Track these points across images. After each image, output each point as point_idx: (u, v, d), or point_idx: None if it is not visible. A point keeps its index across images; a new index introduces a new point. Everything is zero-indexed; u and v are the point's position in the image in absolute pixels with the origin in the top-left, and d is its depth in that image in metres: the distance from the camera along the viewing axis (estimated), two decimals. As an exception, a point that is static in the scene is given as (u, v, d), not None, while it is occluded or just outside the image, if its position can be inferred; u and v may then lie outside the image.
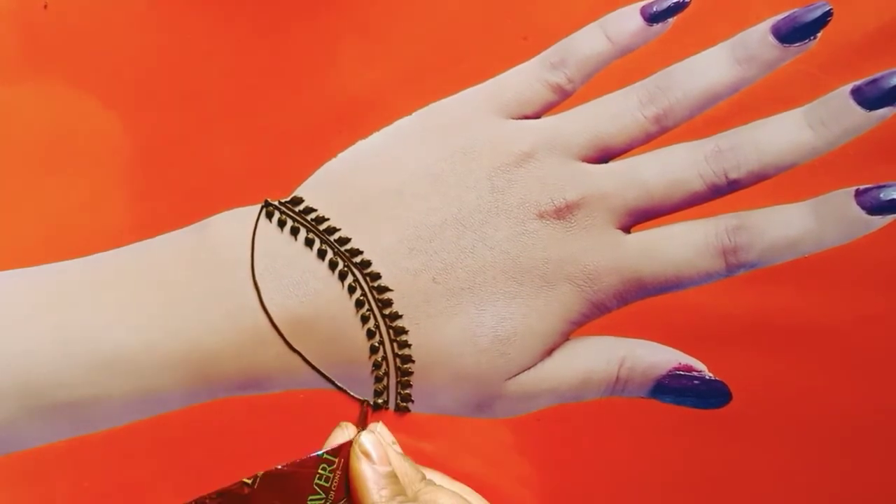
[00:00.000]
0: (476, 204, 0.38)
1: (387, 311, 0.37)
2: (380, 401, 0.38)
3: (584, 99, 0.39)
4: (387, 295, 0.37)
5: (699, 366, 0.37)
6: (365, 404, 0.37)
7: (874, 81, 0.37)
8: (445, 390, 0.38)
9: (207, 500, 0.30)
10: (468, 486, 0.34)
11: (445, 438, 0.38)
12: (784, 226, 0.37)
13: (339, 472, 0.31)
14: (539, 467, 0.38)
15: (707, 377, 0.37)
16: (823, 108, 0.37)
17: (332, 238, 0.38)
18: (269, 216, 0.38)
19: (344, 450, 0.32)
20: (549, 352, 0.38)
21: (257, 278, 0.37)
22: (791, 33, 0.37)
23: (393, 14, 0.40)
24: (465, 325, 0.37)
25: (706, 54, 0.38)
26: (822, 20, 0.37)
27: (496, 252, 0.38)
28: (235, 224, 0.38)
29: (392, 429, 0.38)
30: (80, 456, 0.38)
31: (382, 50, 0.40)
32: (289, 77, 0.40)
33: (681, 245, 0.37)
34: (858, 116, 0.37)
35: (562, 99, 0.39)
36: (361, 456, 0.32)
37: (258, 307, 0.37)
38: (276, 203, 0.38)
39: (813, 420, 0.37)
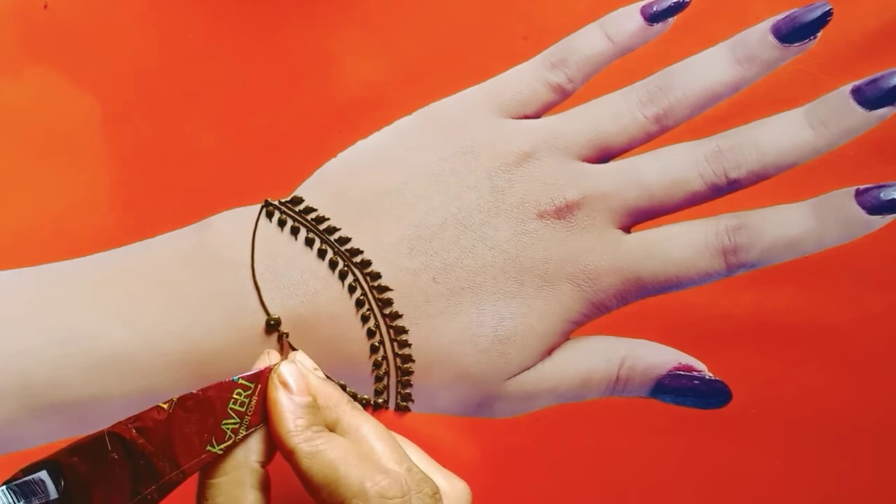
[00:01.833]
0: (476, 204, 0.38)
1: (387, 311, 0.37)
2: (380, 400, 0.38)
3: (584, 99, 0.39)
4: (387, 294, 0.37)
5: (699, 365, 0.37)
6: (284, 336, 0.37)
7: (874, 81, 0.37)
8: (445, 390, 0.38)
9: (123, 427, 0.30)
10: (468, 484, 0.34)
11: (445, 438, 0.38)
12: (784, 225, 0.37)
13: (256, 397, 0.31)
14: (539, 467, 0.38)
15: (707, 377, 0.37)
16: (823, 108, 0.37)
17: (332, 238, 0.38)
18: (270, 216, 0.38)
19: (262, 376, 0.31)
20: (550, 352, 0.38)
21: (257, 278, 0.37)
22: (791, 33, 0.37)
23: (393, 14, 0.40)
24: (465, 325, 0.37)
25: (706, 54, 0.38)
26: (822, 20, 0.37)
27: (496, 252, 0.38)
28: (235, 224, 0.38)
29: (392, 428, 0.38)
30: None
31: (382, 50, 0.40)
32: (289, 77, 0.40)
33: (681, 245, 0.37)
34: (858, 116, 0.37)
35: (562, 99, 0.39)
36: (279, 385, 0.31)
37: (258, 307, 0.37)
38: (276, 203, 0.38)
39: (813, 420, 0.37)
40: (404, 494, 0.29)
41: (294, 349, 0.37)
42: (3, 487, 0.30)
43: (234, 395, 0.31)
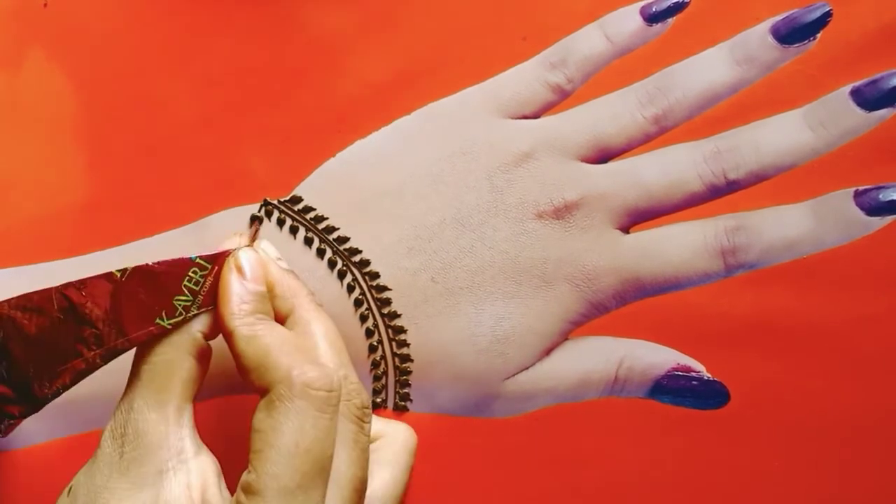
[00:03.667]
0: (475, 204, 0.38)
1: (385, 311, 0.37)
2: (378, 400, 0.38)
3: (584, 99, 0.39)
4: (385, 294, 0.37)
5: (698, 366, 0.37)
6: (256, 221, 0.36)
7: (873, 82, 0.37)
8: (444, 390, 0.38)
9: (72, 289, 0.29)
10: (465, 484, 0.34)
11: (443, 438, 0.38)
12: (783, 226, 0.37)
13: (211, 278, 0.30)
14: (538, 467, 0.38)
15: (705, 378, 0.37)
16: (823, 109, 0.37)
17: (330, 237, 0.38)
18: (269, 215, 0.38)
19: (220, 258, 0.31)
20: (548, 352, 0.38)
21: (256, 277, 0.37)
22: (790, 34, 0.37)
23: (392, 14, 0.40)
24: (463, 325, 0.37)
25: (706, 55, 0.38)
26: (822, 21, 0.37)
27: (495, 252, 0.38)
28: (234, 223, 0.38)
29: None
30: (77, 454, 0.38)
31: (382, 50, 0.40)
32: (288, 77, 0.40)
33: (679, 245, 0.37)
34: (858, 117, 0.37)
35: (561, 99, 0.39)
36: (233, 269, 0.30)
37: (256, 306, 0.37)
38: (274, 202, 0.38)
39: (812, 420, 0.37)
40: (331, 390, 0.28)
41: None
42: None
43: (190, 273, 0.30)
